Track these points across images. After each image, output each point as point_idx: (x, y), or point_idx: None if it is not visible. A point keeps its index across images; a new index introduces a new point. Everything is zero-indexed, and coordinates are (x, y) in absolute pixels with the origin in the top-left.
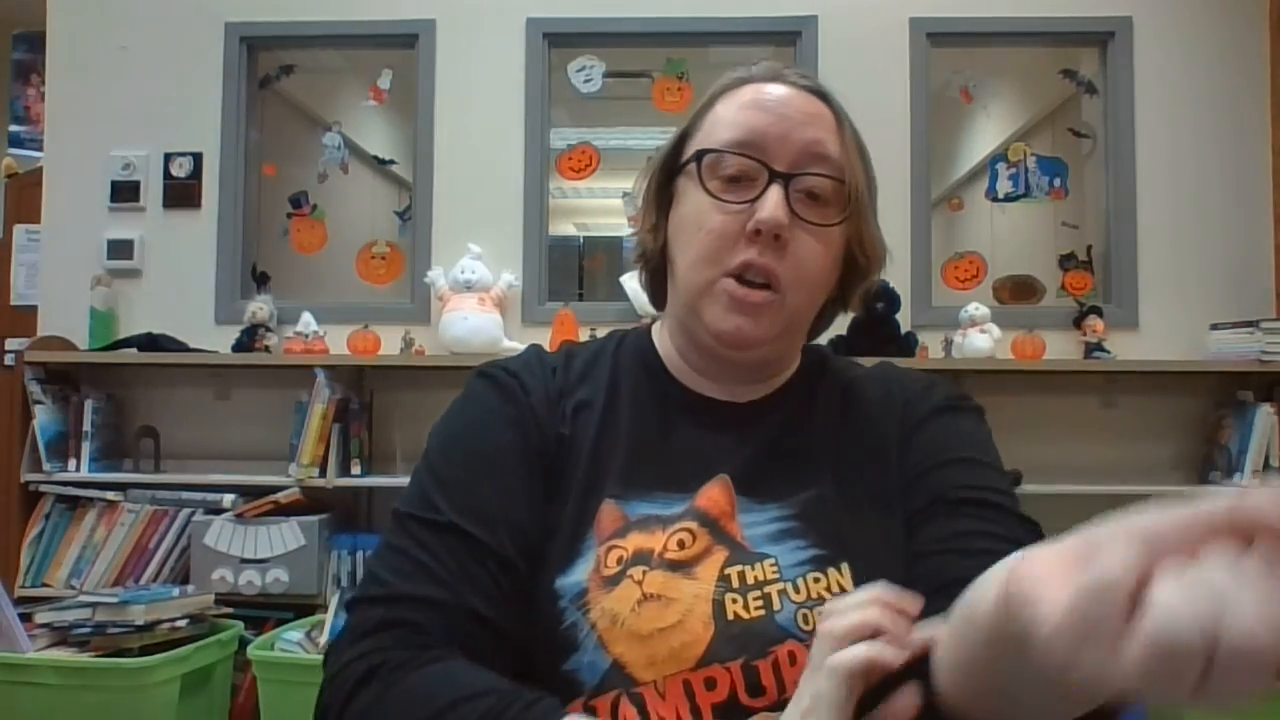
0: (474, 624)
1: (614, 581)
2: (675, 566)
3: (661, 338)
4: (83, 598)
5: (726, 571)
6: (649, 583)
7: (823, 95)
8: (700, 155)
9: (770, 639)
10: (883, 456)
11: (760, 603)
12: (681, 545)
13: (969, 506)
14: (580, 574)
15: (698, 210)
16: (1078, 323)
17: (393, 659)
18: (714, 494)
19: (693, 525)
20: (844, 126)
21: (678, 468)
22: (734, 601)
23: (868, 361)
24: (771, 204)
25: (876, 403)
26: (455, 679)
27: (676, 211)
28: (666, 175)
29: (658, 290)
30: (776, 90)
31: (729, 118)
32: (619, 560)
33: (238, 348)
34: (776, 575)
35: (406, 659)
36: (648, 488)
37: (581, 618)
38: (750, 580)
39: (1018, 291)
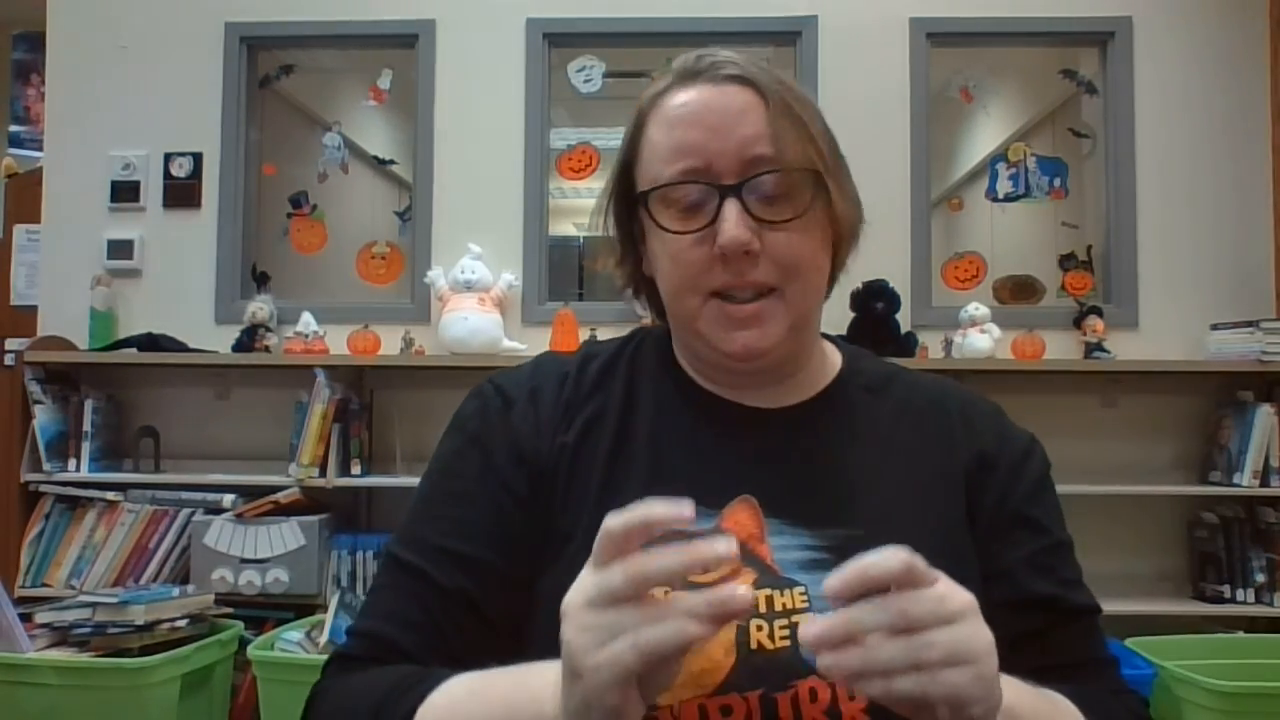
0: (399, 659)
1: None
2: (698, 589)
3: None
4: (83, 598)
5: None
6: None
7: (748, 80)
8: (646, 197)
9: (793, 672)
10: (940, 498)
11: (786, 633)
12: (705, 569)
13: (1053, 615)
14: None
15: (662, 245)
16: (1078, 323)
17: (322, 687)
18: (741, 518)
19: None
20: (779, 107)
21: (704, 479)
22: (759, 629)
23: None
24: (730, 224)
25: (933, 433)
26: (373, 677)
27: (648, 244)
28: (625, 206)
29: (658, 309)
30: (700, 95)
31: (661, 143)
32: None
33: (238, 348)
34: (806, 605)
35: (334, 684)
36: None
37: None
38: (778, 607)
39: (1018, 291)
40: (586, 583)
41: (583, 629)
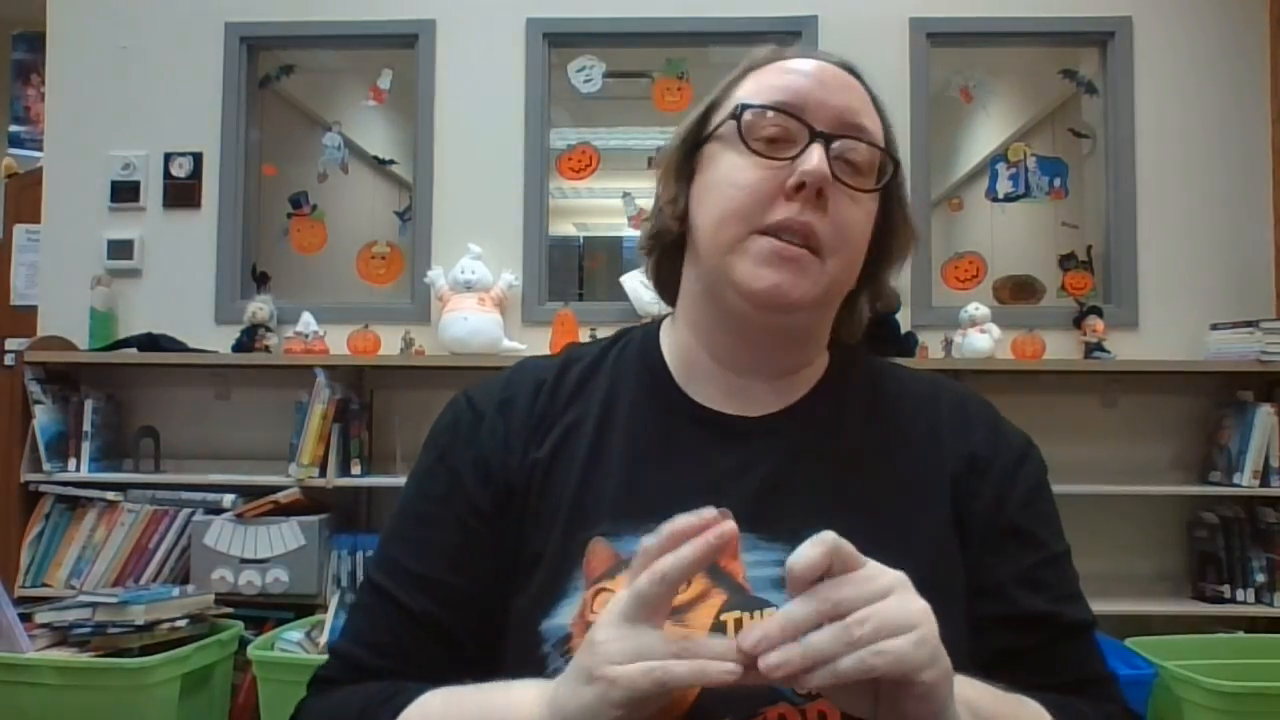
0: (372, 681)
1: None
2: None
3: (670, 338)
4: (83, 598)
5: (723, 618)
6: None
7: (856, 73)
8: (740, 111)
9: (761, 699)
10: (925, 503)
11: None
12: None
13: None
14: (564, 617)
15: (730, 169)
16: (1078, 323)
17: (303, 707)
18: None
19: None
20: (878, 104)
21: (679, 493)
22: None
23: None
24: (816, 157)
25: (922, 434)
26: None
27: (703, 177)
28: (690, 147)
29: (668, 277)
30: (815, 61)
31: (767, 81)
32: (605, 605)
33: (238, 348)
34: None
35: (314, 704)
36: (642, 519)
37: (564, 665)
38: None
39: (1018, 291)
40: (622, 594)
41: (614, 638)
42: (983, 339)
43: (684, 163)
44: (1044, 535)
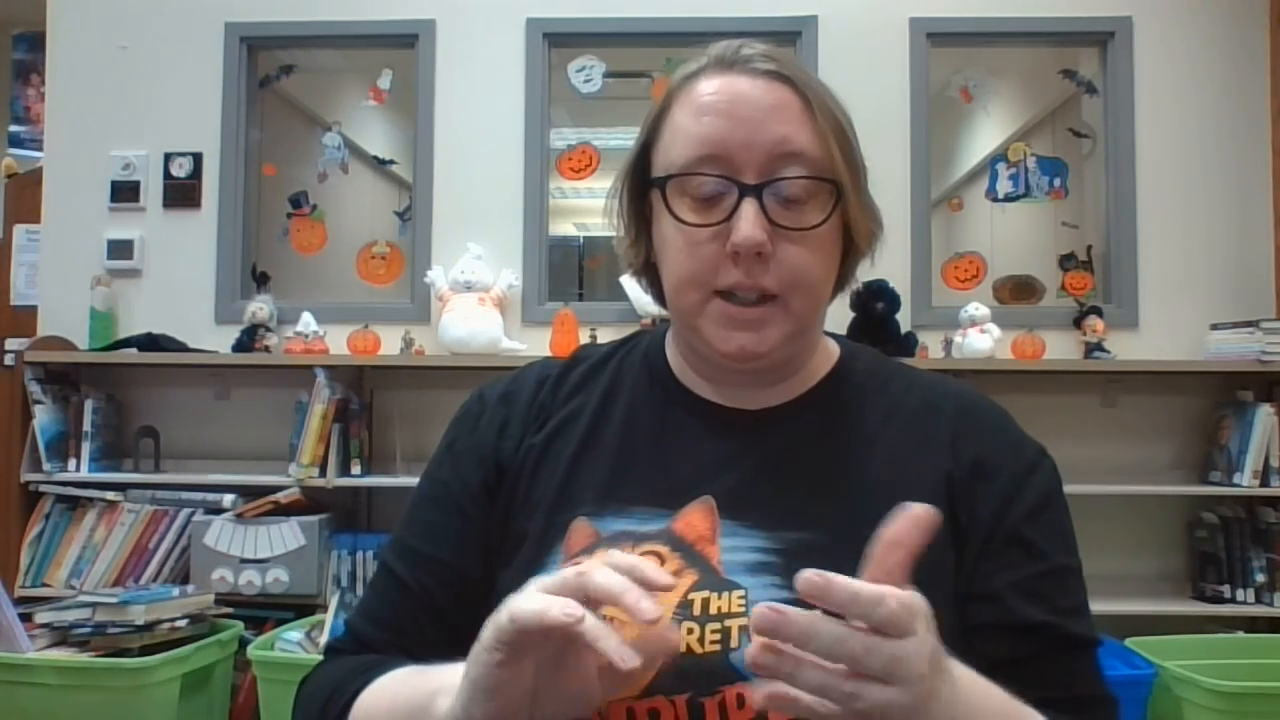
0: (373, 654)
1: None
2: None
3: (673, 341)
4: (83, 598)
5: (691, 596)
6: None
7: (786, 78)
8: (663, 182)
9: (720, 678)
10: (916, 501)
11: (717, 637)
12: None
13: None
14: None
15: (673, 234)
16: (1078, 323)
17: (310, 674)
18: (693, 518)
19: (663, 549)
20: (814, 110)
21: (666, 479)
22: (690, 632)
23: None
24: (746, 224)
25: (920, 435)
26: (339, 667)
27: (656, 227)
28: (639, 186)
29: (660, 293)
30: (733, 85)
31: (686, 129)
32: None
33: (238, 348)
34: (742, 609)
35: (317, 671)
36: (627, 502)
37: None
38: (713, 610)
39: (1018, 291)
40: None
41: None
42: (983, 339)
43: (636, 202)
44: (1049, 547)
